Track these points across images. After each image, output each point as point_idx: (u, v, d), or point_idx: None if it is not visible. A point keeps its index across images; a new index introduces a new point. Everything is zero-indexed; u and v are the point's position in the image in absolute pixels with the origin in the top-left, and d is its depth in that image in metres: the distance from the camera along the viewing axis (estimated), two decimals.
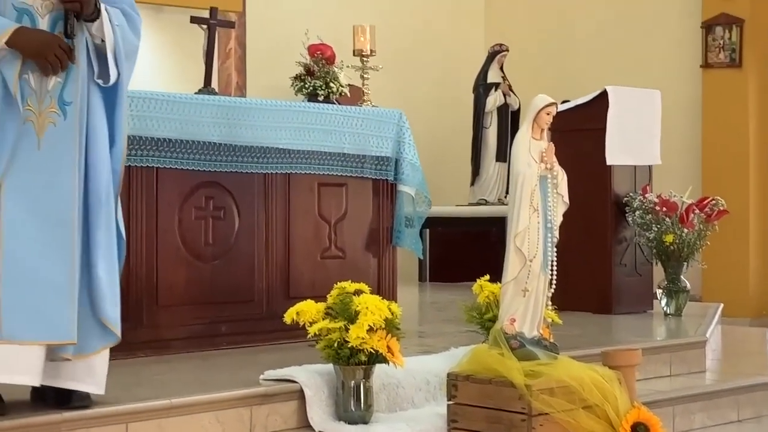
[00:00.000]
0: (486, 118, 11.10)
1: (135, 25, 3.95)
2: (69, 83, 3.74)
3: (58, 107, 3.72)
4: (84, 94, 3.80)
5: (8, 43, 3.60)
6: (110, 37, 3.81)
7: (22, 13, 3.69)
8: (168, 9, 8.91)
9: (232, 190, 5.80)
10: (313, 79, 6.31)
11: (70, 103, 3.73)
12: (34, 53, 3.63)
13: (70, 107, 3.73)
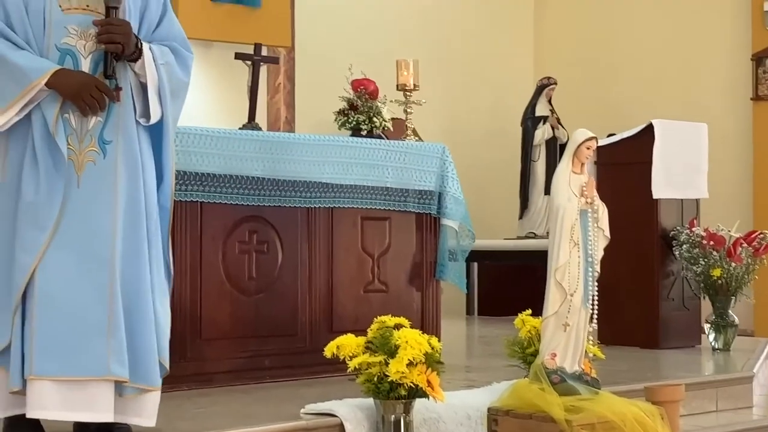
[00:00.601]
0: (534, 151, 11.09)
1: (185, 63, 3.98)
2: (110, 122, 3.77)
3: (98, 146, 3.75)
4: (130, 132, 3.82)
5: (48, 84, 3.65)
6: (153, 76, 3.83)
7: (65, 54, 3.73)
8: (217, 45, 9.00)
9: (276, 224, 5.83)
10: (356, 114, 6.35)
11: (110, 141, 3.75)
12: (72, 94, 3.67)
13: (110, 146, 3.76)
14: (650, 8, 11.28)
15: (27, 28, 3.70)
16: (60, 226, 3.65)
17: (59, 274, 3.64)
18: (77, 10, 3.75)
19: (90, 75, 3.73)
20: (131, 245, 3.81)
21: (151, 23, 3.92)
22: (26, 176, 3.67)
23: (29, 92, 3.64)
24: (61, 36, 3.72)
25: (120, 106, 3.79)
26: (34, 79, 3.62)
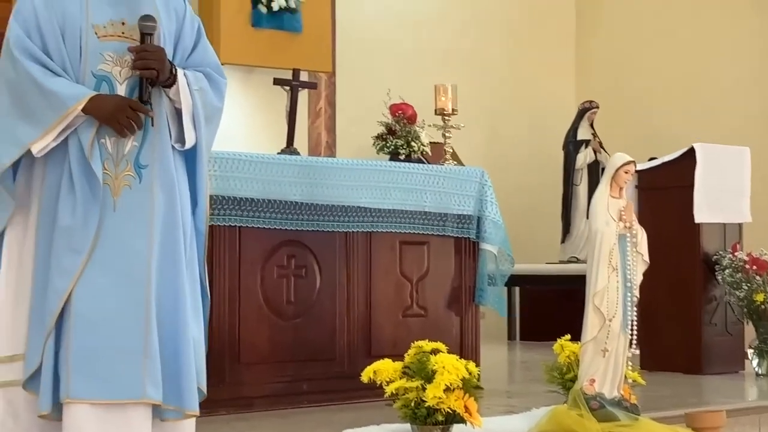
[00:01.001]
0: (576, 175, 11.05)
1: (219, 88, 3.99)
2: (145, 147, 3.77)
3: (134, 170, 3.76)
4: (166, 157, 3.83)
5: (84, 110, 3.67)
6: (188, 101, 3.84)
7: (101, 80, 3.76)
8: (258, 70, 9.04)
9: (314, 248, 5.84)
10: (394, 138, 6.36)
11: (145, 166, 3.76)
12: (108, 117, 3.69)
13: (146, 170, 3.76)
14: (690, 32, 11.22)
15: (63, 55, 3.74)
16: (96, 249, 3.66)
17: (95, 296, 3.66)
18: (113, 37, 3.77)
19: (124, 97, 3.75)
20: (168, 269, 3.80)
21: (185, 49, 3.95)
22: (63, 201, 3.69)
23: (65, 119, 3.66)
24: (97, 62, 3.75)
25: (155, 131, 3.80)
26: (70, 106, 3.64)
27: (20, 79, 3.69)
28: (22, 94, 3.69)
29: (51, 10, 3.73)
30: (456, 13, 10.92)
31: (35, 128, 3.67)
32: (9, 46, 3.70)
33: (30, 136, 3.66)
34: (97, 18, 3.74)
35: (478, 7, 11.13)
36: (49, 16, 3.72)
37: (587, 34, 12.08)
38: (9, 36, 3.71)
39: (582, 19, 12.10)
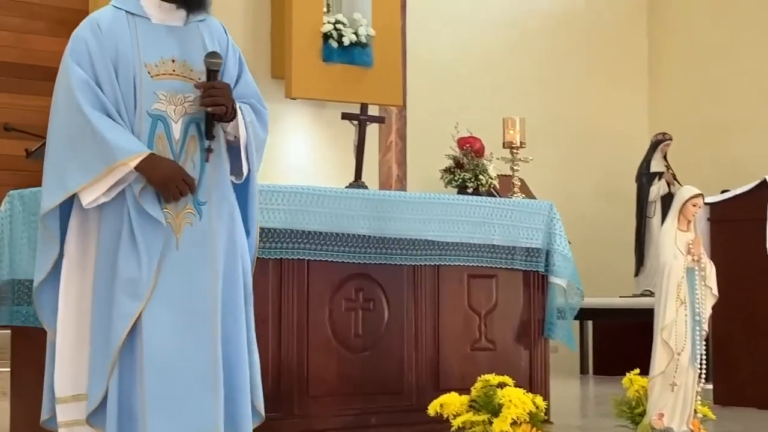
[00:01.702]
0: (650, 208, 10.97)
1: (264, 120, 4.02)
2: (203, 183, 3.79)
3: (193, 208, 3.77)
4: (223, 191, 3.86)
5: (137, 168, 3.67)
6: (243, 134, 3.85)
7: (156, 120, 3.77)
8: (329, 104, 9.11)
9: (382, 281, 5.85)
10: (462, 172, 6.36)
11: (204, 203, 3.78)
12: (160, 184, 3.69)
13: (205, 207, 3.78)
14: (764, 64, 11.11)
15: (117, 93, 3.74)
16: (159, 288, 3.67)
17: (163, 335, 3.66)
18: (165, 76, 3.78)
19: (177, 165, 3.75)
20: (229, 301, 3.83)
21: (230, 81, 3.95)
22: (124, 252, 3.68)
23: (115, 171, 3.64)
24: (152, 102, 3.76)
25: (212, 167, 3.82)
26: (119, 159, 3.63)
27: (78, 123, 3.68)
28: (78, 138, 3.68)
29: (104, 48, 3.74)
30: (526, 45, 10.93)
31: (84, 175, 3.65)
32: (71, 87, 3.70)
33: (77, 183, 3.65)
34: (148, 56, 3.76)
35: (548, 39, 11.12)
36: (102, 54, 3.73)
37: (660, 66, 12.01)
38: (70, 75, 3.71)
39: (654, 51, 12.04)
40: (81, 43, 3.76)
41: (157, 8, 3.83)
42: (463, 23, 10.43)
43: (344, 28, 9.03)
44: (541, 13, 11.12)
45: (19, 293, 5.28)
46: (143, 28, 3.79)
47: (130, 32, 3.77)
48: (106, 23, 3.77)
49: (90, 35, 3.75)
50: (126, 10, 3.80)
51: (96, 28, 3.76)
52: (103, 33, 3.75)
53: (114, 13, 3.80)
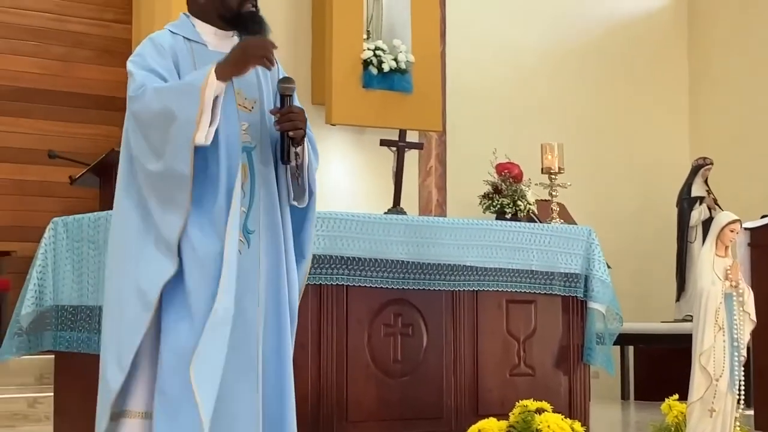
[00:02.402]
0: (691, 233, 10.92)
1: (315, 148, 4.05)
2: (252, 211, 3.77)
3: (243, 236, 3.74)
4: (274, 219, 3.83)
5: (219, 77, 3.59)
6: (308, 158, 3.87)
7: (244, 151, 3.73)
8: (369, 130, 9.17)
9: (420, 307, 5.88)
10: (500, 197, 6.39)
11: (252, 231, 3.75)
12: (243, 60, 3.63)
13: (254, 235, 3.76)
14: None
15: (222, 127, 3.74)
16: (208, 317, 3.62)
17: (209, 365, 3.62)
18: (242, 108, 3.79)
19: (237, 46, 3.69)
20: (273, 332, 3.81)
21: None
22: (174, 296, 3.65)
23: (205, 96, 3.57)
24: (240, 133, 3.76)
25: (264, 194, 3.80)
26: (199, 84, 3.56)
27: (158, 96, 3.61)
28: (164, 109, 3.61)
29: (168, 64, 3.72)
30: (565, 70, 10.95)
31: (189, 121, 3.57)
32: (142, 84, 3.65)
33: (189, 133, 3.57)
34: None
35: (587, 64, 11.13)
36: (168, 68, 3.71)
37: (700, 90, 11.99)
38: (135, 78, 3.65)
39: (695, 75, 12.02)
40: (145, 57, 3.72)
41: (213, 35, 3.85)
42: (501, 49, 10.46)
43: (384, 55, 9.09)
44: (579, 37, 11.14)
45: (63, 319, 5.36)
46: (200, 54, 3.80)
47: (188, 58, 3.78)
48: (168, 45, 3.77)
49: (154, 52, 3.74)
50: (183, 35, 3.82)
51: (159, 46, 3.76)
52: (166, 50, 3.75)
53: (173, 37, 3.80)
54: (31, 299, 5.39)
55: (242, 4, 3.82)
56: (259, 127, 3.81)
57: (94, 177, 6.52)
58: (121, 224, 3.75)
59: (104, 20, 8.45)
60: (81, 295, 5.29)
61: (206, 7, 3.84)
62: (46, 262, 5.42)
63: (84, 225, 5.35)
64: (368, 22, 9.35)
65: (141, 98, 3.63)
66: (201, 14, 3.86)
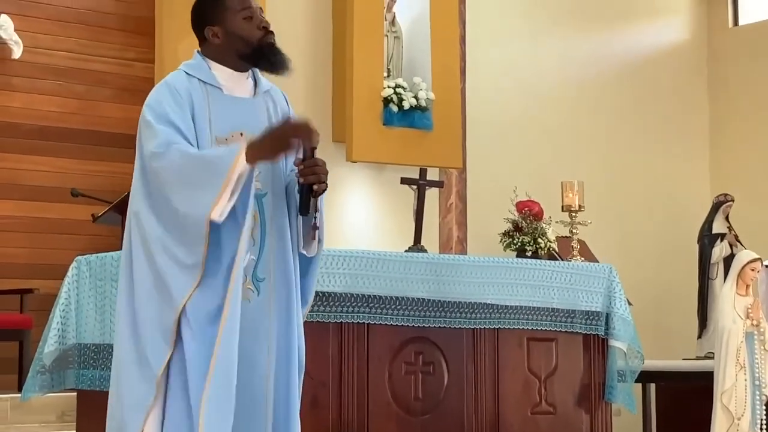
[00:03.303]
0: (712, 269, 10.87)
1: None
2: (262, 259, 3.73)
3: (252, 284, 3.71)
4: (286, 267, 3.79)
5: (249, 160, 3.55)
6: (321, 210, 3.82)
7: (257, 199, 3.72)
8: (389, 167, 9.19)
9: (441, 345, 5.89)
10: (521, 235, 6.40)
11: (263, 279, 3.72)
12: (273, 146, 3.59)
13: (264, 283, 3.72)
14: None
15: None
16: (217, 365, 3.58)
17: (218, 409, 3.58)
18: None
19: (270, 128, 3.66)
20: (283, 378, 3.78)
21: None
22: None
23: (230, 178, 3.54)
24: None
25: (274, 243, 3.75)
26: (228, 165, 3.53)
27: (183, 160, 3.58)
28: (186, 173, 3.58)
29: (185, 112, 3.68)
30: (585, 107, 10.96)
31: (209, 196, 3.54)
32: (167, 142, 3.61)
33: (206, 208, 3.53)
34: (219, 130, 3.72)
35: (607, 100, 11.15)
36: (184, 117, 3.67)
37: (721, 125, 11.98)
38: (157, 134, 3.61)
39: (715, 110, 12.01)
40: (162, 106, 3.67)
41: (229, 77, 3.80)
42: (522, 86, 10.49)
43: (404, 92, 9.13)
44: (599, 74, 11.16)
45: (86, 357, 5.39)
46: (215, 99, 3.75)
47: (204, 103, 3.72)
48: (184, 90, 3.71)
49: (171, 100, 3.68)
50: (199, 78, 3.76)
51: (175, 92, 3.70)
52: (182, 98, 3.69)
53: (188, 80, 3.75)
54: (54, 337, 5.43)
55: (261, 38, 3.79)
56: (271, 174, 3.76)
57: (116, 215, 6.56)
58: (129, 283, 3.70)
59: (126, 59, 8.52)
60: (103, 333, 5.32)
61: (223, 47, 3.80)
62: (69, 301, 5.45)
63: (107, 263, 5.39)
64: (388, 60, 9.39)
65: (164, 157, 3.59)
66: (217, 55, 3.81)
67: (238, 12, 3.80)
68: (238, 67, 3.83)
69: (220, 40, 3.80)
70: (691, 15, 11.93)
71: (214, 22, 3.81)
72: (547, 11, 10.70)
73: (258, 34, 3.79)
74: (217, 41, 3.81)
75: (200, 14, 3.86)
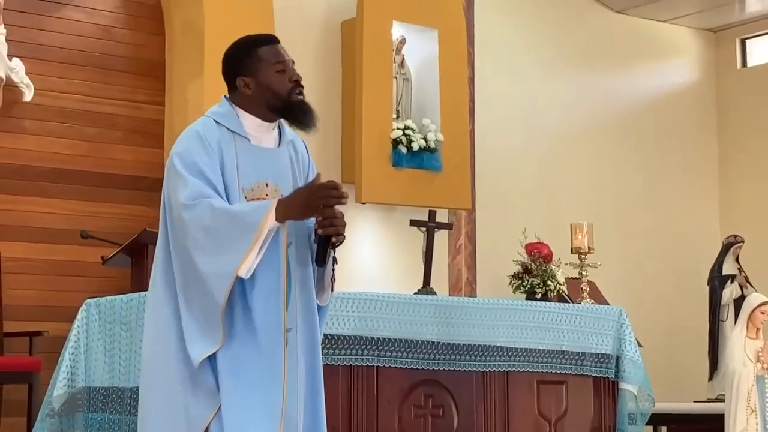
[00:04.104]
0: (722, 311, 10.83)
1: None
2: (289, 310, 3.73)
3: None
4: (311, 317, 3.82)
5: (278, 219, 3.60)
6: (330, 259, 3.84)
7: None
8: (398, 209, 9.20)
9: (451, 388, 5.87)
10: (530, 277, 6.40)
11: (290, 329, 3.73)
12: (304, 207, 3.63)
13: (290, 333, 3.72)
14: None
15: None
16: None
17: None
18: (259, 200, 3.75)
19: (303, 185, 3.71)
20: (311, 428, 3.81)
21: None
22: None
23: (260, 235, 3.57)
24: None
25: (300, 294, 3.77)
26: (258, 222, 3.57)
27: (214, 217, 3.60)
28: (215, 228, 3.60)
29: (213, 163, 3.70)
30: (594, 148, 10.97)
31: (238, 253, 3.57)
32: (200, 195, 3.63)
33: (234, 264, 3.56)
34: (246, 181, 3.74)
35: (616, 141, 11.16)
36: (213, 169, 3.69)
37: (730, 167, 11.98)
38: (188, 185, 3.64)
39: (725, 152, 12.02)
40: (192, 156, 3.69)
41: (258, 128, 3.83)
42: (531, 127, 10.51)
43: (413, 134, 9.15)
44: (608, 115, 11.18)
45: (95, 400, 5.38)
46: (242, 149, 3.77)
47: (232, 153, 3.74)
48: (214, 140, 3.73)
49: (202, 150, 3.70)
50: (227, 127, 3.78)
51: (206, 142, 3.72)
52: (212, 148, 3.71)
53: (218, 129, 3.77)
54: (64, 380, 5.42)
55: (292, 93, 3.82)
56: (295, 225, 3.77)
57: (126, 257, 6.57)
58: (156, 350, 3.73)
59: (136, 102, 8.55)
60: (113, 377, 5.32)
61: (254, 98, 3.82)
62: (78, 344, 5.45)
63: (116, 306, 5.39)
64: (397, 102, 9.42)
65: (195, 209, 3.60)
66: (247, 105, 3.83)
67: (272, 65, 3.83)
68: (267, 118, 3.85)
69: (251, 91, 3.82)
70: (700, 56, 11.96)
71: (246, 72, 3.83)
72: (556, 53, 10.74)
73: (289, 87, 3.83)
74: (248, 92, 3.83)
75: (233, 63, 3.88)
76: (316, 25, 9.06)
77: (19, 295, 7.92)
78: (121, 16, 8.55)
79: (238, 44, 3.91)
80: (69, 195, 8.21)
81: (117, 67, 8.48)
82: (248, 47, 3.86)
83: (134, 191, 8.43)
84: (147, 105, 8.60)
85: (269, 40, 3.89)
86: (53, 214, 8.16)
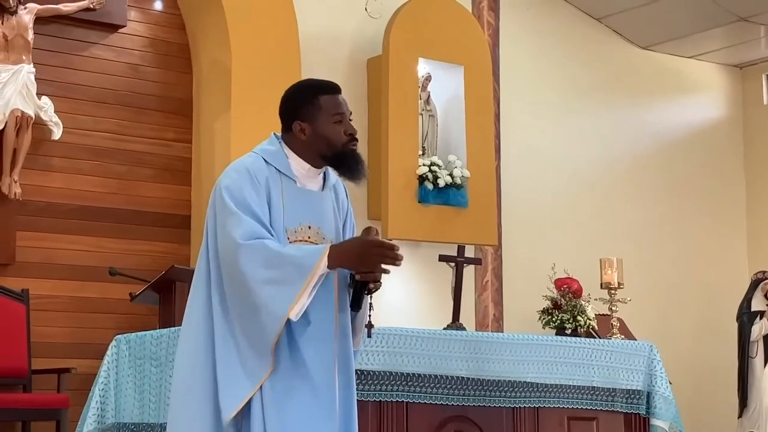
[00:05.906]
0: (752, 348, 10.76)
1: None
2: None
3: None
4: (348, 361, 3.83)
5: (330, 266, 3.62)
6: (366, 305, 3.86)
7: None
8: (425, 245, 9.19)
9: (481, 424, 5.82)
10: (560, 313, 6.37)
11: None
12: (357, 259, 3.64)
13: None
14: None
15: None
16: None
17: None
18: (301, 242, 3.78)
19: (360, 237, 3.71)
20: None
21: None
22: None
23: (312, 278, 3.60)
24: None
25: (340, 337, 3.79)
26: (313, 265, 3.60)
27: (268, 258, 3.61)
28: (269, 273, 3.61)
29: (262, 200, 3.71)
30: (621, 184, 10.96)
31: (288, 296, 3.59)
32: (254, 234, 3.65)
33: (285, 307, 3.58)
34: (289, 222, 3.75)
35: (644, 177, 11.14)
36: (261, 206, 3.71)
37: (758, 203, 11.94)
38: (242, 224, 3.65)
39: (752, 188, 11.98)
40: (243, 193, 3.70)
41: (306, 172, 3.84)
42: (557, 162, 10.51)
43: (439, 170, 9.16)
44: (635, 151, 11.16)
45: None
46: (288, 189, 3.78)
47: (278, 193, 3.76)
48: (263, 178, 3.75)
49: (252, 189, 3.71)
50: (276, 167, 3.79)
51: (255, 180, 3.73)
52: (261, 186, 3.72)
53: (267, 169, 3.77)
54: (93, 417, 5.43)
55: (346, 144, 3.84)
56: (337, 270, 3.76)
57: (154, 294, 6.58)
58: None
59: (165, 139, 8.60)
60: (142, 413, 5.31)
61: (308, 143, 3.83)
62: (108, 380, 5.45)
63: (146, 342, 5.40)
64: (423, 138, 9.45)
65: (251, 249, 3.61)
66: (299, 149, 3.84)
67: (331, 115, 3.84)
68: (316, 164, 3.86)
69: (306, 138, 3.83)
70: (726, 91, 11.95)
71: (304, 118, 3.84)
72: (581, 89, 10.75)
73: (344, 140, 3.84)
74: (303, 137, 3.84)
75: (292, 106, 3.89)
76: (342, 62, 9.09)
77: (48, 332, 7.94)
78: (149, 55, 8.62)
79: (300, 87, 3.93)
80: (97, 232, 8.25)
81: (145, 106, 8.53)
82: (311, 93, 3.87)
83: (162, 228, 8.46)
84: (175, 143, 8.64)
85: (332, 88, 3.90)
86: (81, 252, 8.19)
